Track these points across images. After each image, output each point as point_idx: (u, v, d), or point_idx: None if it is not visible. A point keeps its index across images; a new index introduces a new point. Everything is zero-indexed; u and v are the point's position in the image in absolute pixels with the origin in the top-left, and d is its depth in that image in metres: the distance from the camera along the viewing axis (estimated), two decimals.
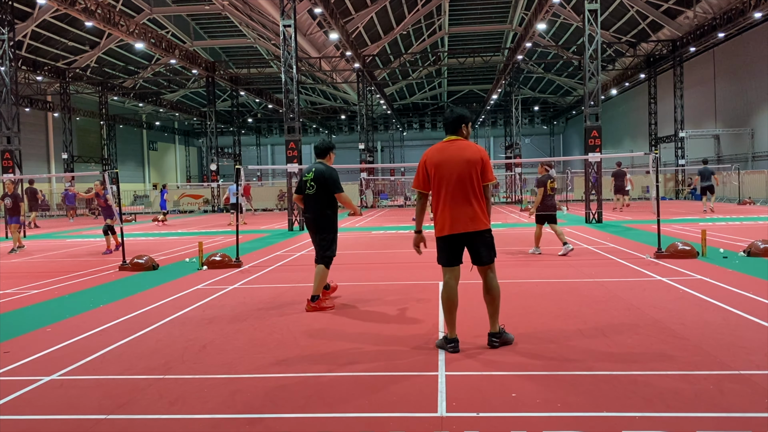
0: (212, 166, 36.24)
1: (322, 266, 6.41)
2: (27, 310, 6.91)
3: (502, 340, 4.64)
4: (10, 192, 13.72)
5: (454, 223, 4.48)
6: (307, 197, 6.46)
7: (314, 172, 6.41)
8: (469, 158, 4.46)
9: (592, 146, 17.39)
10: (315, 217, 6.43)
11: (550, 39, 37.82)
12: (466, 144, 4.57)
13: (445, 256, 4.62)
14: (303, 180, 6.54)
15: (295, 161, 18.20)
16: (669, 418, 3.28)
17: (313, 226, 6.50)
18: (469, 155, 4.47)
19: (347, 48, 29.76)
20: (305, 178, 6.50)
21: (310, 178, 6.42)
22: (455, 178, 4.46)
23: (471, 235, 4.52)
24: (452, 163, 4.47)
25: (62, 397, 3.91)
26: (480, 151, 4.54)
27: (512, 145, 37.65)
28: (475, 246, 4.57)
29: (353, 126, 59.26)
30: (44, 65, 33.25)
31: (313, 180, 6.39)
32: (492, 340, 4.62)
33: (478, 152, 4.51)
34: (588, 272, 8.35)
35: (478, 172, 4.47)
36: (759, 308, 5.76)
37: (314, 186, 6.38)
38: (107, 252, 12.61)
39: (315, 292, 6.37)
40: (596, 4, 17.76)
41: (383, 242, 13.73)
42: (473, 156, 4.47)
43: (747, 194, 25.88)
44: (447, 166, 4.48)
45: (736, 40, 29.46)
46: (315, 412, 3.53)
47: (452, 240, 4.55)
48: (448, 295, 4.62)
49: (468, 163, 4.45)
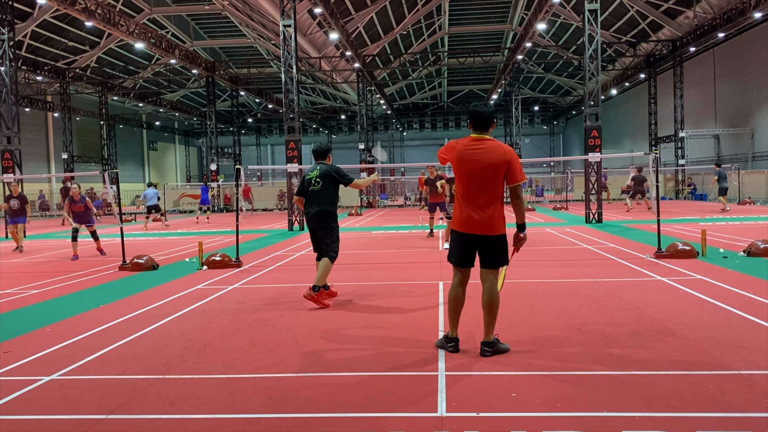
0: (212, 166, 36.25)
1: (327, 259, 6.52)
2: (27, 310, 6.91)
3: (495, 349, 4.48)
4: (16, 194, 13.88)
5: (468, 223, 4.46)
6: (311, 194, 6.58)
7: (320, 170, 6.59)
8: (494, 162, 4.36)
9: (592, 146, 17.40)
10: (318, 210, 6.53)
11: (550, 39, 37.82)
12: (493, 146, 4.42)
13: (456, 254, 4.56)
14: (307, 178, 6.65)
15: (295, 161, 18.20)
16: (669, 418, 3.28)
17: (315, 221, 6.57)
18: (493, 159, 4.37)
19: (347, 48, 29.76)
20: (309, 176, 6.63)
21: (315, 175, 6.57)
22: (476, 182, 4.41)
23: (482, 239, 4.47)
24: (475, 166, 4.39)
25: (62, 397, 3.91)
26: (507, 152, 4.41)
27: (512, 145, 37.65)
28: (485, 250, 4.50)
29: (353, 126, 59.26)
30: (44, 65, 33.25)
31: (319, 176, 6.55)
32: (484, 349, 4.47)
33: (504, 154, 4.39)
34: (588, 272, 8.35)
35: (503, 175, 4.39)
36: (759, 308, 5.76)
37: (320, 182, 6.53)
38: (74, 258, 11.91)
39: (317, 282, 6.45)
40: (596, 4, 17.77)
41: (383, 242, 13.73)
42: (498, 159, 4.37)
43: (747, 194, 25.88)
44: (469, 167, 4.41)
45: (736, 40, 29.46)
46: (315, 412, 3.53)
47: (463, 238, 4.51)
48: (455, 295, 4.60)
49: (492, 166, 4.37)
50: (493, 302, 4.48)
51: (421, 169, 36.29)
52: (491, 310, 4.49)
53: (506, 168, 4.38)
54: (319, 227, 6.59)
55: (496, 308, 4.50)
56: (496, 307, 4.49)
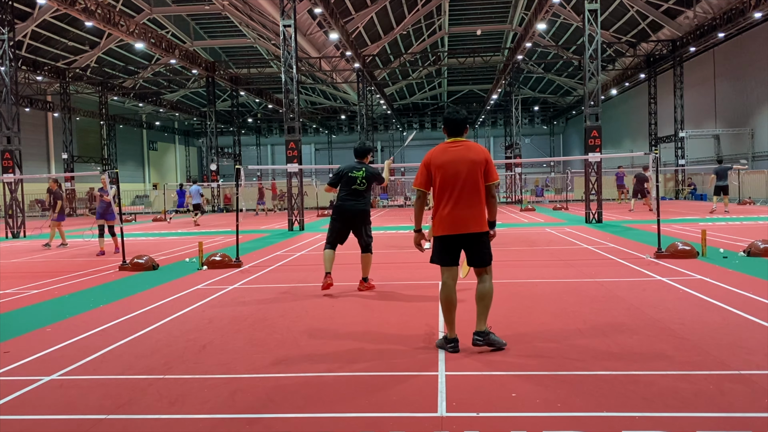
0: (212, 166, 36.23)
1: (369, 254, 7.29)
2: (27, 310, 6.91)
3: (486, 340, 4.54)
4: (53, 190, 14.49)
5: (456, 223, 4.50)
6: (354, 191, 7.16)
7: (365, 171, 7.16)
8: (474, 159, 4.49)
9: (592, 146, 17.39)
10: (363, 209, 7.20)
11: (550, 39, 37.82)
12: (471, 145, 4.60)
13: (440, 257, 4.63)
14: (351, 176, 7.13)
15: (295, 161, 18.19)
16: (669, 418, 3.28)
17: (358, 218, 7.18)
18: (473, 156, 4.50)
19: (347, 48, 29.76)
20: (354, 174, 7.14)
21: (361, 176, 7.13)
22: (461, 179, 4.47)
23: (470, 237, 4.53)
24: (457, 164, 4.49)
25: (62, 397, 3.91)
26: (484, 151, 4.58)
27: (512, 145, 37.63)
28: (474, 248, 4.58)
29: (353, 126, 59.27)
30: (44, 65, 33.24)
31: (365, 177, 7.13)
32: (476, 338, 4.55)
33: (482, 153, 4.55)
34: (588, 272, 8.35)
35: (482, 173, 4.50)
36: (759, 308, 5.76)
37: (365, 183, 7.15)
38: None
39: (365, 274, 7.38)
40: (596, 4, 17.76)
41: (383, 242, 13.72)
42: (478, 157, 4.50)
43: (747, 194, 25.88)
44: (452, 167, 4.49)
45: (736, 40, 29.46)
46: (315, 412, 3.53)
47: (450, 240, 4.57)
48: (447, 295, 4.64)
49: (473, 163, 4.48)
50: (485, 294, 4.57)
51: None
52: (482, 300, 4.57)
53: (485, 165, 4.51)
54: (361, 223, 7.22)
55: (489, 300, 4.57)
56: (488, 299, 4.57)
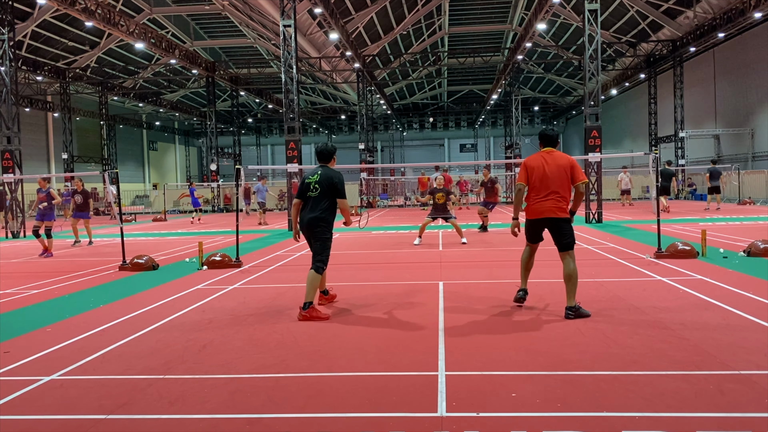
0: (212, 166, 36.23)
1: (313, 272, 6.13)
2: (27, 310, 6.92)
3: (577, 313, 5.57)
4: (80, 189, 14.83)
5: (541, 211, 5.75)
6: (308, 199, 6.23)
7: (320, 175, 6.22)
8: (560, 164, 5.83)
9: (592, 146, 17.39)
10: (312, 217, 6.14)
11: (550, 39, 37.81)
12: (560, 154, 5.93)
13: (528, 235, 6.02)
14: (306, 182, 6.28)
15: (295, 161, 18.19)
16: (669, 418, 3.28)
17: (308, 228, 6.19)
18: (561, 162, 5.83)
19: (347, 48, 29.75)
20: (309, 180, 6.26)
21: (314, 180, 6.20)
22: (548, 179, 5.77)
23: (552, 221, 5.72)
24: (548, 167, 5.81)
25: (62, 397, 3.91)
26: (569, 159, 5.88)
27: (512, 145, 37.62)
28: (556, 232, 5.74)
29: (353, 126, 59.23)
30: (44, 65, 33.24)
31: (318, 182, 6.18)
32: (567, 312, 5.60)
33: (568, 160, 5.86)
34: (588, 272, 8.35)
35: (568, 174, 5.78)
36: (759, 308, 5.76)
37: (318, 189, 6.17)
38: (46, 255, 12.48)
39: (307, 298, 6.03)
40: (596, 4, 17.76)
41: (383, 242, 13.72)
42: (564, 163, 5.83)
43: (747, 194, 25.87)
44: (544, 169, 5.80)
45: (736, 40, 29.45)
46: (315, 412, 3.53)
47: (536, 223, 5.86)
48: (525, 260, 6.13)
49: (559, 167, 5.81)
50: (570, 274, 5.65)
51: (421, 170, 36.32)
52: (570, 280, 5.64)
53: (570, 170, 5.80)
54: (312, 234, 6.20)
55: (575, 279, 5.64)
56: (574, 278, 5.64)
